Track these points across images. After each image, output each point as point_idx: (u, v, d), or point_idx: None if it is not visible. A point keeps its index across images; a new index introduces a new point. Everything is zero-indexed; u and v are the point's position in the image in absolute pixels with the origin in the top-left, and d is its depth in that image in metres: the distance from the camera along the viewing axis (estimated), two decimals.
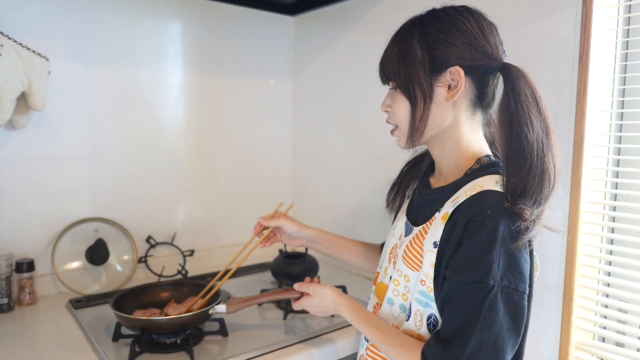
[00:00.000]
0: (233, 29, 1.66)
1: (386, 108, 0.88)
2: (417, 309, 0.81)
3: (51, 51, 1.29)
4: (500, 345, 0.70)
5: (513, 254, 0.72)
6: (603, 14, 1.01)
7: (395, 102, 0.84)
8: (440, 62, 0.79)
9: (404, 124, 0.84)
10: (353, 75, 1.59)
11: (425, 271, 0.79)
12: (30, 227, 1.33)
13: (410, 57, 0.80)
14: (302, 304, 0.98)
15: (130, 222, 1.49)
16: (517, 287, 0.72)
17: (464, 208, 0.75)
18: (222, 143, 1.68)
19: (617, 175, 1.05)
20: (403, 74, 0.81)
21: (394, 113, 0.86)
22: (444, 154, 0.86)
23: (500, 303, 0.70)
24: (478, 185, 0.76)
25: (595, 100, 1.02)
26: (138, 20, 1.46)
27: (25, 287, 1.27)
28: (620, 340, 1.02)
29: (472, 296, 0.71)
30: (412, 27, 0.82)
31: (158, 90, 1.52)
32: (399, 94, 0.83)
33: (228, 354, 1.01)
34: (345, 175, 1.66)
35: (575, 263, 1.03)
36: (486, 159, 0.83)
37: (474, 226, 0.72)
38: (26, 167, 1.31)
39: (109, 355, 0.99)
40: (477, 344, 0.70)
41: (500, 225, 0.71)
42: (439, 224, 0.79)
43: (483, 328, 0.70)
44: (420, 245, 0.82)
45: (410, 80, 0.80)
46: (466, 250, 0.73)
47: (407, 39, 0.81)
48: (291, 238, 1.14)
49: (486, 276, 0.70)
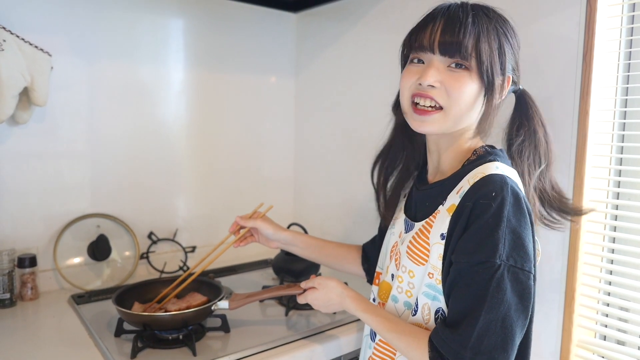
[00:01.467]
0: (235, 25, 1.66)
1: (436, 83, 0.78)
2: (425, 303, 0.80)
3: (54, 47, 1.29)
4: (509, 326, 0.70)
5: (518, 233, 0.72)
6: (607, 12, 1.01)
7: (460, 83, 0.77)
8: (508, 65, 0.81)
9: (459, 108, 0.78)
10: (356, 73, 1.59)
11: (433, 264, 0.79)
12: (33, 223, 1.33)
13: (497, 46, 0.78)
14: (306, 297, 0.98)
15: (132, 218, 1.49)
16: (524, 266, 0.72)
17: (469, 194, 0.76)
18: (224, 140, 1.68)
19: (620, 174, 1.05)
20: (490, 60, 0.77)
21: (451, 93, 0.77)
22: (449, 148, 0.86)
23: (507, 282, 0.70)
24: (479, 172, 0.77)
25: (599, 98, 1.02)
26: (140, 17, 1.46)
27: (28, 283, 1.27)
28: (621, 339, 1.02)
29: (478, 276, 0.71)
30: (487, 17, 0.79)
31: (160, 86, 1.52)
32: (467, 75, 0.77)
33: (230, 350, 1.01)
34: (347, 174, 1.66)
35: (578, 261, 1.04)
36: (482, 150, 0.84)
37: (479, 209, 0.73)
38: (28, 162, 1.31)
39: (112, 350, 0.99)
40: (485, 324, 0.70)
41: (505, 206, 0.72)
42: (444, 217, 0.79)
43: (490, 308, 0.70)
44: (426, 240, 0.82)
45: (494, 70, 0.78)
46: (472, 232, 0.73)
47: (490, 26, 0.78)
48: (267, 240, 1.15)
49: (492, 256, 0.71)
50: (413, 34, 0.82)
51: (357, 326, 1.16)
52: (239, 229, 1.15)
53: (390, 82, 0.94)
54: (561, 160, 1.04)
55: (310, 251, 1.14)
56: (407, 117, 0.84)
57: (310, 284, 0.98)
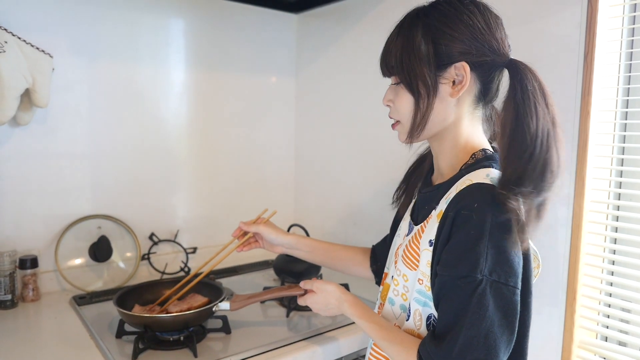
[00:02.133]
0: (236, 26, 1.66)
1: (388, 102, 0.85)
2: (416, 309, 0.80)
3: (55, 48, 1.29)
4: (492, 342, 0.69)
5: (502, 247, 0.69)
6: (608, 12, 1.01)
7: (398, 97, 0.82)
8: (446, 58, 0.76)
9: (406, 119, 0.82)
10: (356, 74, 1.59)
11: (422, 270, 0.78)
12: (34, 224, 1.33)
13: (414, 51, 0.78)
14: (305, 300, 0.97)
15: (133, 220, 1.49)
16: (507, 281, 0.69)
17: (453, 203, 0.74)
18: (225, 141, 1.68)
19: (621, 175, 1.04)
20: (407, 69, 0.78)
21: (396, 108, 0.83)
22: (442, 150, 0.85)
23: (489, 298, 0.69)
24: (468, 179, 0.75)
25: (600, 99, 1.02)
26: (141, 17, 1.46)
27: (29, 284, 1.27)
28: (623, 340, 1.02)
29: (460, 291, 0.70)
30: (416, 19, 0.79)
31: (161, 87, 1.52)
32: (401, 88, 0.81)
33: (231, 351, 1.01)
34: (348, 174, 1.66)
35: (579, 262, 1.03)
36: (481, 153, 0.81)
37: (460, 220, 0.71)
38: (29, 163, 1.31)
39: (113, 352, 0.99)
40: (467, 340, 0.69)
41: (488, 218, 0.69)
42: (434, 222, 0.78)
43: (472, 324, 0.68)
44: (417, 244, 0.81)
45: (414, 76, 0.78)
46: (454, 244, 0.72)
47: (411, 32, 0.79)
48: (271, 245, 1.14)
49: (473, 270, 0.69)
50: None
51: (357, 328, 1.15)
52: (242, 234, 1.14)
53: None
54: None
55: (315, 254, 1.13)
56: None
57: (309, 286, 0.98)
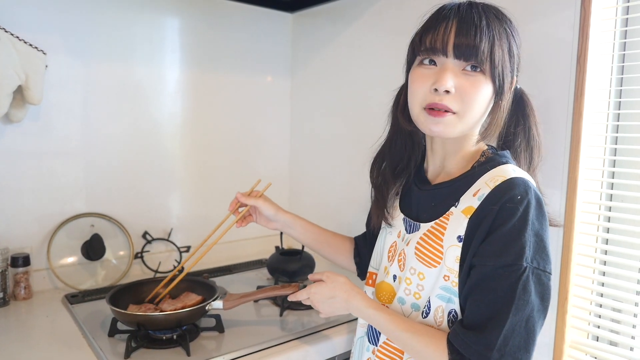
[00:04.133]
0: (231, 25, 1.65)
1: (452, 88, 0.76)
2: (439, 305, 0.80)
3: (48, 45, 1.29)
4: (532, 326, 0.72)
5: (541, 236, 0.74)
6: (601, 15, 1.01)
7: (475, 87, 0.76)
8: (515, 68, 0.81)
9: (474, 112, 0.77)
10: (352, 74, 1.59)
11: (449, 266, 0.78)
12: (26, 222, 1.33)
13: (509, 47, 0.79)
14: (309, 290, 0.93)
15: (127, 218, 1.48)
16: (546, 268, 0.74)
17: (493, 198, 0.75)
18: (220, 140, 1.68)
19: (613, 176, 1.05)
20: (501, 63, 0.77)
21: (464, 97, 0.76)
22: (458, 149, 0.85)
23: (531, 284, 0.72)
24: (499, 175, 0.77)
25: (593, 100, 1.03)
26: (136, 16, 1.45)
27: (21, 282, 1.26)
28: (614, 340, 1.03)
29: (505, 279, 0.72)
30: (497, 19, 0.78)
31: (155, 86, 1.52)
32: (482, 79, 0.76)
33: (224, 350, 1.01)
34: (342, 174, 1.66)
35: (571, 262, 1.04)
36: (490, 152, 0.85)
37: (506, 213, 0.73)
38: (22, 161, 1.31)
39: (105, 350, 0.99)
40: (511, 326, 0.71)
41: (530, 210, 0.73)
42: (460, 219, 0.78)
43: (517, 310, 0.71)
44: (438, 242, 0.80)
45: (506, 73, 0.78)
46: (499, 235, 0.73)
47: (501, 28, 0.78)
48: (267, 220, 1.10)
49: (519, 259, 0.72)
50: (424, 35, 0.79)
51: (350, 327, 1.15)
52: (238, 207, 1.10)
53: (385, 82, 0.94)
54: (554, 162, 1.05)
55: (307, 236, 1.11)
56: (419, 120, 0.81)
57: (318, 277, 0.93)
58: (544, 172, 0.94)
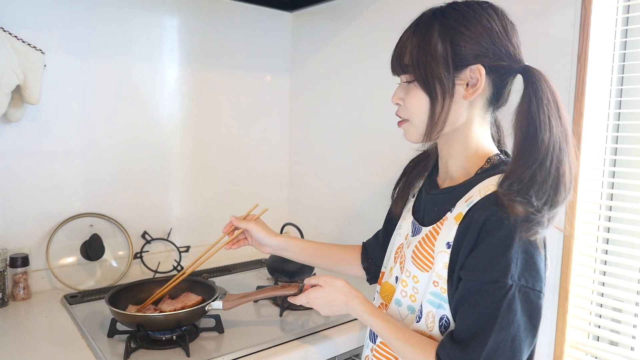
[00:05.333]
0: (230, 24, 1.65)
1: (398, 101, 0.83)
2: (429, 311, 0.79)
3: (47, 44, 1.28)
4: (518, 346, 0.70)
5: (530, 252, 0.71)
6: (602, 14, 1.01)
7: (410, 96, 0.80)
8: (463, 59, 0.76)
9: (418, 119, 0.80)
10: (351, 73, 1.59)
11: (438, 272, 0.78)
12: (25, 222, 1.32)
13: (431, 50, 0.77)
14: (308, 295, 0.93)
15: (126, 218, 1.48)
16: (535, 286, 0.71)
17: (479, 207, 0.74)
18: (219, 139, 1.67)
19: (614, 175, 1.05)
20: (423, 68, 0.77)
21: (407, 107, 0.82)
22: (453, 153, 0.84)
23: (517, 303, 0.70)
24: (492, 184, 0.75)
25: (593, 100, 1.02)
26: (135, 15, 1.45)
27: (20, 282, 1.26)
28: (614, 339, 1.02)
29: (489, 296, 0.70)
30: (433, 18, 0.78)
31: (154, 85, 1.51)
32: (415, 87, 0.79)
33: (224, 351, 1.01)
34: (342, 173, 1.65)
35: (571, 262, 1.04)
36: (496, 158, 0.81)
37: (491, 226, 0.71)
38: (21, 161, 1.30)
39: (104, 351, 0.99)
40: (495, 344, 0.69)
41: (518, 224, 0.70)
42: (451, 224, 0.78)
43: (501, 328, 0.69)
44: (431, 246, 0.80)
45: (431, 75, 0.77)
46: (483, 249, 0.72)
47: (429, 31, 0.77)
48: (259, 244, 1.12)
49: (504, 276, 0.69)
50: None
51: (351, 327, 1.15)
52: (232, 230, 1.13)
53: (384, 82, 0.93)
54: None
55: (305, 255, 1.12)
56: None
57: (314, 281, 0.94)
58: None
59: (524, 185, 0.69)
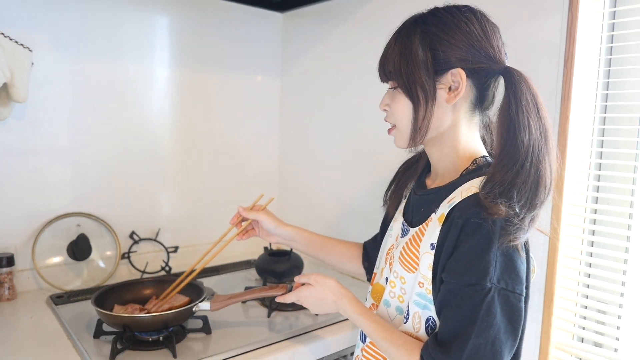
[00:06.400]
0: (221, 24, 1.65)
1: (385, 107, 0.86)
2: (415, 312, 0.80)
3: (35, 42, 1.27)
4: (498, 348, 0.70)
5: (510, 255, 0.71)
6: (588, 19, 1.02)
7: (395, 102, 0.83)
8: (443, 64, 0.77)
9: (403, 124, 0.83)
10: (342, 74, 1.59)
11: (423, 273, 0.78)
12: (11, 221, 1.31)
13: (412, 57, 0.78)
14: (298, 293, 0.93)
15: (114, 218, 1.47)
16: (514, 289, 0.71)
17: (459, 209, 0.74)
18: (208, 139, 1.67)
19: (599, 179, 1.06)
20: (405, 74, 0.79)
21: (393, 112, 0.84)
22: (441, 155, 0.85)
23: (497, 305, 0.70)
24: (474, 186, 0.75)
25: (579, 104, 1.04)
26: (125, 13, 1.44)
27: (5, 282, 1.24)
28: (598, 341, 1.04)
29: (469, 299, 0.71)
30: (415, 25, 0.80)
31: (144, 84, 1.50)
32: (399, 93, 0.82)
33: (211, 352, 1.00)
34: (332, 174, 1.66)
35: (557, 264, 1.05)
36: (482, 160, 0.82)
37: (470, 228, 0.71)
38: (7, 159, 1.29)
39: (90, 352, 0.98)
40: (475, 347, 0.70)
41: (497, 227, 0.70)
42: (435, 226, 0.78)
43: (480, 331, 0.70)
44: (417, 247, 0.81)
45: (412, 81, 0.79)
46: (463, 252, 0.72)
47: (409, 38, 0.79)
48: (268, 234, 1.11)
49: (483, 279, 0.70)
50: None
51: (340, 328, 1.16)
52: (240, 221, 1.11)
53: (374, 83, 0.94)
54: None
55: (311, 248, 1.11)
56: None
57: (305, 280, 0.94)
58: None
59: (505, 188, 0.70)
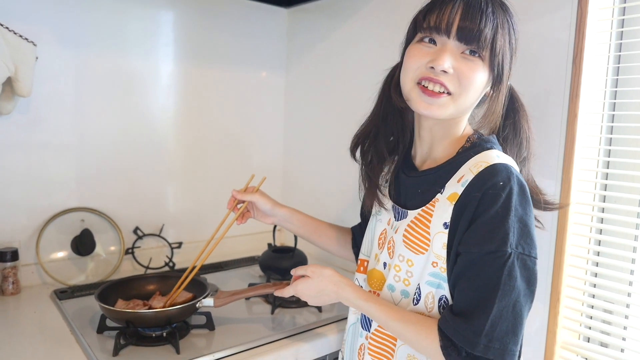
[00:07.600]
0: (226, 19, 1.64)
1: (450, 69, 0.76)
2: (429, 292, 0.80)
3: (39, 36, 1.26)
4: (519, 311, 0.73)
5: (525, 221, 0.74)
6: (597, 15, 1.01)
7: (474, 71, 0.77)
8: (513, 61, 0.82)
9: (469, 96, 0.78)
10: (347, 70, 1.58)
11: (437, 252, 0.79)
12: (15, 216, 1.31)
13: (510, 37, 0.79)
14: (296, 287, 0.92)
15: (118, 213, 1.47)
16: (531, 253, 0.74)
17: (476, 184, 0.76)
18: (213, 135, 1.66)
19: (607, 177, 1.05)
20: (502, 51, 0.78)
21: (459, 79, 0.77)
22: (445, 135, 0.85)
23: (517, 270, 0.72)
24: (482, 161, 0.77)
25: (588, 101, 1.02)
26: (129, 8, 1.43)
27: (9, 277, 1.24)
28: (604, 341, 1.03)
29: (490, 266, 0.73)
30: (502, 10, 0.79)
31: (148, 79, 1.50)
32: (480, 65, 0.77)
33: (214, 348, 1.00)
34: (336, 169, 1.65)
35: (563, 263, 1.04)
36: (475, 137, 0.84)
37: (488, 199, 0.74)
38: (11, 154, 1.29)
39: (93, 347, 0.98)
40: (499, 311, 0.72)
41: (513, 196, 0.73)
42: (445, 205, 0.79)
43: (503, 295, 0.72)
44: (425, 228, 0.81)
45: (506, 62, 0.79)
46: (482, 222, 0.74)
47: (505, 17, 0.79)
48: (264, 215, 1.10)
49: (503, 245, 0.72)
50: (428, 13, 0.78)
51: (343, 325, 1.15)
52: (236, 204, 1.10)
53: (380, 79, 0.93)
54: (549, 163, 1.05)
55: (305, 230, 1.11)
56: (411, 96, 0.81)
57: (301, 272, 0.92)
58: (538, 173, 0.94)
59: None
